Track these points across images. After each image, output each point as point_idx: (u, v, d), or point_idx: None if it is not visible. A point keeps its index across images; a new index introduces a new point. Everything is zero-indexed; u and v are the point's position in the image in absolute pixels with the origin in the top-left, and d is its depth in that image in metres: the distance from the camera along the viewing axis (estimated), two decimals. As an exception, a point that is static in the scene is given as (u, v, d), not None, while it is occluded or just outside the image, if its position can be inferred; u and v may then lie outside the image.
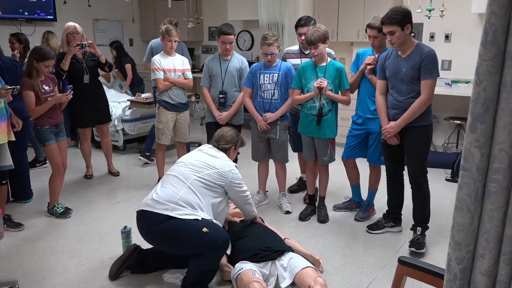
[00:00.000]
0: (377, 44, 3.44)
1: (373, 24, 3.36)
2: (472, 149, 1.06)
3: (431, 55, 2.96)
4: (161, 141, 4.38)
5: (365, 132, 3.63)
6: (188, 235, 2.57)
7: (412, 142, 3.15)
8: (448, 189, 4.46)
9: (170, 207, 2.63)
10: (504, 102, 1.01)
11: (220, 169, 2.80)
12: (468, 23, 5.36)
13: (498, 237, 1.07)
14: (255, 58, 7.51)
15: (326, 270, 2.99)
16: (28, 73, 3.64)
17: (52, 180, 3.87)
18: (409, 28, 2.97)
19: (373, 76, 3.45)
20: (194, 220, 2.61)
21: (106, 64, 4.68)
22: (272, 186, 4.25)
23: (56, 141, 3.82)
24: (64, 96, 3.74)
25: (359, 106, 3.64)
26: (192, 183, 2.73)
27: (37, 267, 3.04)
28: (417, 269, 1.88)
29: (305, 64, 3.59)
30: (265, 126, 3.77)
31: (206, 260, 2.63)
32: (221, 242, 2.64)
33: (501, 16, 0.98)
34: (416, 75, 2.99)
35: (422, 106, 3.01)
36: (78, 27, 4.48)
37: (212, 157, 2.89)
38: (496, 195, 1.05)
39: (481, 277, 1.11)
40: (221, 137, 3.02)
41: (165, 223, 2.60)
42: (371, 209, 3.85)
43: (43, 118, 3.70)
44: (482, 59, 1.01)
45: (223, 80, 3.95)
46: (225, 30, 3.85)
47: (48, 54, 3.65)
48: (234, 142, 3.04)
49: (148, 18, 8.56)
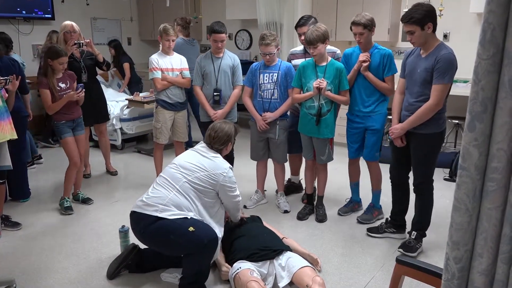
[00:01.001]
0: (363, 41, 3.36)
1: (357, 21, 3.29)
2: (471, 148, 1.05)
3: (446, 59, 2.76)
4: (159, 140, 4.38)
5: (363, 129, 3.57)
6: (176, 235, 2.58)
7: (416, 149, 3.05)
8: (446, 188, 4.46)
9: (160, 208, 2.64)
10: (502, 101, 1.00)
11: (211, 171, 2.75)
12: (467, 23, 5.37)
13: (496, 236, 1.07)
14: (253, 57, 7.50)
15: (324, 270, 2.99)
16: (44, 72, 3.77)
17: (66, 172, 4.01)
18: (430, 27, 2.78)
19: (369, 73, 3.40)
20: (182, 219, 2.61)
21: (104, 63, 4.67)
22: (270, 185, 4.25)
23: (74, 135, 3.96)
24: (75, 94, 3.84)
25: (354, 104, 3.56)
26: (181, 186, 2.71)
27: (34, 267, 3.03)
28: (415, 268, 1.88)
29: (305, 63, 3.58)
30: (264, 126, 3.77)
31: (196, 259, 2.63)
32: (207, 241, 2.59)
33: (499, 14, 0.98)
34: (429, 77, 2.83)
35: (429, 111, 2.86)
36: (75, 26, 4.47)
37: (204, 157, 2.82)
38: (494, 194, 1.05)
39: (479, 276, 1.11)
40: (216, 138, 2.89)
41: (155, 224, 2.61)
42: (376, 211, 3.74)
43: (59, 113, 3.85)
44: (481, 58, 1.01)
45: (217, 78, 3.95)
46: (216, 29, 3.84)
47: (61, 51, 3.75)
48: (229, 140, 2.94)
49: (147, 17, 8.53)
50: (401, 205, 3.36)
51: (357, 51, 3.51)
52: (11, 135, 3.41)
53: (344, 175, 4.04)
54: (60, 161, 5.19)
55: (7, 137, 3.37)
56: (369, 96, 3.48)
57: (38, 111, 6.69)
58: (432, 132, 2.96)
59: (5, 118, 3.37)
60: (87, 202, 4.15)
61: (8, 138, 3.38)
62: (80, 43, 4.37)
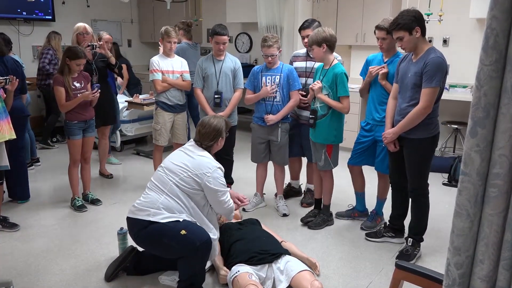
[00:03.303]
0: (385, 47, 3.32)
1: (381, 26, 3.25)
2: (472, 153, 1.05)
3: (434, 63, 2.78)
4: (159, 142, 4.37)
5: (372, 139, 3.52)
6: (168, 238, 2.57)
7: (409, 154, 3.06)
8: (445, 193, 4.46)
9: (152, 212, 2.63)
10: (504, 107, 1.00)
11: (193, 171, 2.66)
12: (466, 28, 5.38)
13: (498, 243, 1.07)
14: (253, 60, 7.51)
15: (323, 274, 2.98)
16: (61, 70, 3.81)
17: (69, 173, 4.04)
18: (418, 31, 2.82)
19: (387, 82, 3.33)
20: (174, 222, 2.60)
21: (116, 66, 4.68)
22: (269, 189, 4.24)
23: (84, 136, 3.99)
24: (91, 94, 3.86)
25: (368, 112, 3.54)
26: (169, 189, 2.67)
27: (32, 268, 3.02)
28: (415, 273, 1.87)
29: (319, 66, 3.57)
30: (271, 91, 3.73)
31: (190, 262, 2.62)
32: (199, 243, 2.54)
33: (503, 20, 0.98)
34: (419, 81, 2.85)
35: (418, 115, 2.88)
36: (88, 28, 4.50)
37: (189, 156, 2.74)
38: (496, 200, 1.05)
39: (480, 283, 1.10)
40: (205, 134, 2.78)
41: (147, 228, 2.61)
42: (379, 218, 3.70)
43: (72, 113, 3.85)
44: (483, 63, 1.01)
45: (218, 81, 3.95)
46: (218, 31, 3.85)
47: (80, 53, 3.79)
48: (219, 134, 2.82)
49: (147, 19, 8.55)
50: (400, 210, 3.36)
51: (378, 57, 3.47)
52: (10, 135, 3.41)
53: (344, 178, 4.04)
54: (59, 163, 5.19)
55: (5, 137, 3.36)
56: (381, 104, 3.41)
57: (38, 112, 6.69)
58: (423, 137, 2.97)
59: (3, 118, 3.37)
60: (96, 203, 4.15)
61: (6, 138, 3.38)
62: (93, 45, 4.38)
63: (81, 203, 4.03)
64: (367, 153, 3.59)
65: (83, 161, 4.09)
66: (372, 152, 3.58)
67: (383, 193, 3.67)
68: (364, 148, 3.59)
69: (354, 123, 5.60)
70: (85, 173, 4.16)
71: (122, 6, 7.73)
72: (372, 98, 3.50)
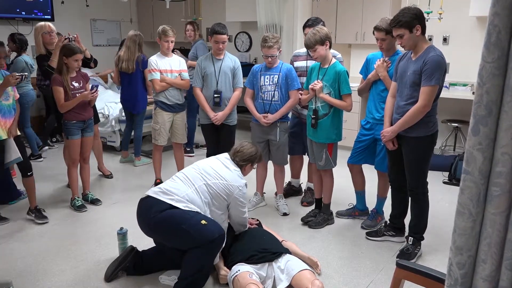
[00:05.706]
0: (385, 47, 3.31)
1: (379, 26, 3.24)
2: (475, 152, 1.04)
3: (434, 61, 2.78)
4: (158, 142, 4.36)
5: (372, 137, 3.51)
6: (187, 225, 2.60)
7: (407, 152, 3.05)
8: (445, 191, 4.45)
9: (175, 198, 2.71)
10: (507, 105, 0.99)
11: (229, 182, 2.84)
12: (466, 26, 5.36)
13: (500, 242, 1.06)
14: (253, 59, 7.49)
15: (323, 273, 2.98)
16: (59, 70, 3.79)
17: (68, 173, 4.07)
18: (418, 29, 2.82)
19: (387, 75, 3.31)
20: (194, 212, 2.68)
21: (91, 60, 4.64)
22: (269, 188, 4.23)
23: (83, 136, 3.97)
24: (89, 94, 3.84)
25: (368, 111, 3.53)
26: (199, 187, 2.80)
27: (31, 269, 3.01)
28: (416, 272, 1.86)
29: (314, 65, 3.55)
30: (267, 123, 3.75)
31: (202, 253, 2.62)
32: (218, 235, 2.65)
33: (505, 17, 0.97)
34: (418, 80, 2.85)
35: (417, 113, 2.87)
36: (52, 26, 4.49)
37: (226, 168, 2.92)
38: (499, 199, 1.03)
39: (483, 283, 1.09)
40: (240, 152, 3.02)
41: (167, 212, 2.65)
42: (379, 217, 3.70)
43: (71, 113, 3.84)
44: (485, 61, 1.00)
45: (218, 80, 3.93)
46: (218, 30, 3.83)
47: (75, 48, 3.78)
48: (251, 160, 3.04)
49: (146, 19, 8.52)
50: (400, 208, 3.35)
51: (378, 56, 3.46)
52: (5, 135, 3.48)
53: (344, 177, 4.03)
54: (59, 163, 5.16)
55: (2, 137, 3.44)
56: (381, 103, 3.38)
57: (37, 112, 6.67)
58: (422, 136, 2.96)
59: (12, 116, 3.49)
60: (96, 203, 4.14)
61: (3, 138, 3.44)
62: (69, 38, 4.31)
63: (81, 203, 4.01)
64: (367, 151, 3.58)
65: (82, 161, 4.07)
66: (372, 151, 3.57)
67: (383, 192, 3.67)
68: (364, 146, 3.58)
69: (354, 121, 5.59)
70: (84, 173, 4.15)
71: (121, 5, 7.70)
72: (373, 96, 3.49)
